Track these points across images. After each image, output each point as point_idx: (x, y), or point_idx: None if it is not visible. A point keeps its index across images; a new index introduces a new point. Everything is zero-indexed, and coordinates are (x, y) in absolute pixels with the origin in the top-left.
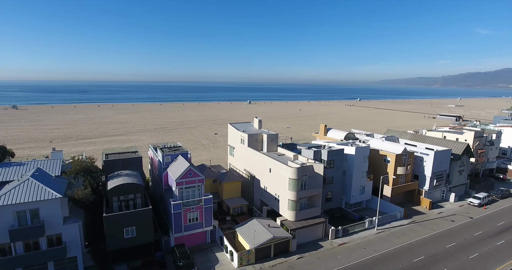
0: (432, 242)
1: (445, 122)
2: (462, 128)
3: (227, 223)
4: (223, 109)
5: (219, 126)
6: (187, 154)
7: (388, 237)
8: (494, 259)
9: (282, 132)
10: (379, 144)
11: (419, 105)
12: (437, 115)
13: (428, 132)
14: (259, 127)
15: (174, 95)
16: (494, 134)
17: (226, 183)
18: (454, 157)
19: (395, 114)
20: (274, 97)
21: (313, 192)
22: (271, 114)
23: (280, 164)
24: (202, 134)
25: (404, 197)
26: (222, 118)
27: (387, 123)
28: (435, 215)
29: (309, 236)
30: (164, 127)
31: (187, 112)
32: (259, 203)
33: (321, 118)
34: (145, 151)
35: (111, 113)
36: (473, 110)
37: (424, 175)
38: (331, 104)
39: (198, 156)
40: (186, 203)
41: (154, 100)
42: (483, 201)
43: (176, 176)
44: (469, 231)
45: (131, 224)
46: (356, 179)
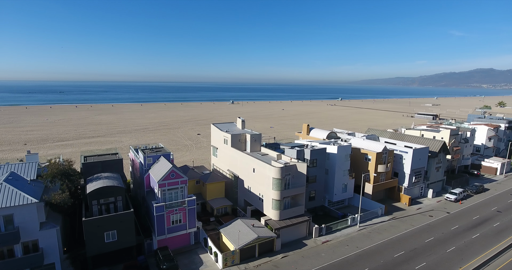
0: (411, 237)
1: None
2: (439, 127)
3: (211, 224)
4: (205, 109)
5: (202, 127)
6: (169, 155)
7: (370, 233)
8: (470, 251)
9: (265, 132)
10: (360, 143)
11: (398, 104)
12: (415, 114)
13: (407, 130)
14: (242, 127)
15: (155, 95)
16: (469, 132)
17: (209, 184)
18: (431, 154)
19: (375, 113)
20: (257, 97)
21: (296, 191)
22: (254, 114)
23: (263, 163)
24: (185, 135)
25: (385, 194)
26: (205, 118)
27: (368, 122)
28: (414, 211)
29: (293, 234)
30: (145, 128)
31: (169, 112)
32: (243, 203)
33: (304, 118)
34: (125, 153)
35: (89, 114)
36: (449, 109)
37: (404, 172)
38: (313, 103)
39: (181, 157)
40: (169, 205)
41: (135, 101)
42: (459, 196)
43: (159, 178)
44: (447, 225)
45: (112, 228)
46: (338, 177)
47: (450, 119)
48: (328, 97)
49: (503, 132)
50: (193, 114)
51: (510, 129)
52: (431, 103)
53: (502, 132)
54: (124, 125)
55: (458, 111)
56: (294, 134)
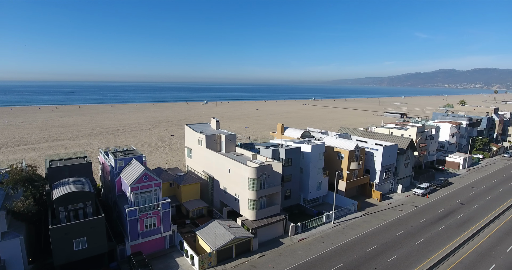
0: (383, 231)
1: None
2: (406, 125)
3: (187, 226)
4: (179, 110)
5: (175, 128)
6: (141, 157)
7: (344, 229)
8: (437, 243)
9: (240, 132)
10: (334, 141)
11: (368, 103)
12: (384, 112)
13: (377, 128)
14: (216, 128)
15: (126, 95)
16: (434, 129)
17: (184, 186)
18: (400, 151)
19: (347, 112)
20: (231, 97)
21: (272, 190)
22: (228, 114)
23: (239, 164)
24: (158, 136)
25: (357, 190)
26: (178, 119)
27: (340, 121)
28: (385, 206)
29: (270, 234)
30: (115, 130)
31: (141, 113)
32: (219, 204)
33: (278, 117)
34: (95, 156)
35: (54, 115)
36: (415, 108)
37: (375, 169)
38: (287, 103)
39: (154, 159)
40: (142, 209)
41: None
42: (426, 190)
43: (131, 181)
44: (415, 219)
45: (81, 235)
46: (313, 175)
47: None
48: (302, 97)
49: (464, 129)
50: (166, 115)
51: (470, 126)
52: (399, 102)
53: (463, 129)
54: (93, 127)
55: (423, 109)
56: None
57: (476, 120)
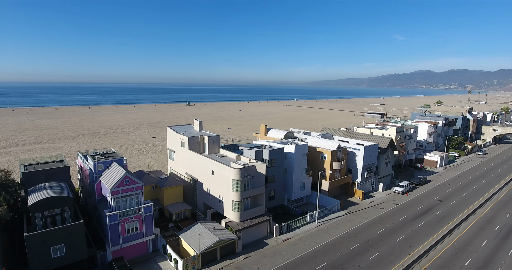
0: (365, 229)
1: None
2: (386, 124)
3: (170, 230)
4: (160, 112)
5: (157, 129)
6: (122, 160)
7: (328, 228)
8: (416, 239)
9: (223, 133)
10: (316, 142)
11: (349, 104)
12: (365, 113)
13: (358, 129)
14: (199, 129)
15: (105, 97)
16: (412, 129)
17: (167, 189)
18: (380, 150)
19: (329, 112)
20: (214, 98)
21: (256, 191)
22: (211, 116)
23: (222, 165)
24: (139, 139)
25: (340, 190)
26: (160, 121)
27: (323, 121)
28: (367, 205)
29: (254, 235)
30: (94, 132)
31: (121, 115)
32: (203, 207)
33: (261, 118)
34: (73, 160)
35: (29, 118)
36: (394, 108)
37: (357, 169)
38: (270, 104)
39: (135, 162)
40: (123, 213)
41: (82, 103)
42: (406, 188)
43: (111, 185)
44: (396, 216)
45: (59, 241)
46: (296, 176)
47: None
48: (284, 97)
49: (441, 128)
50: (147, 117)
51: (446, 126)
52: (378, 103)
53: (440, 128)
54: (70, 129)
55: (402, 109)
56: (252, 135)
57: (452, 120)
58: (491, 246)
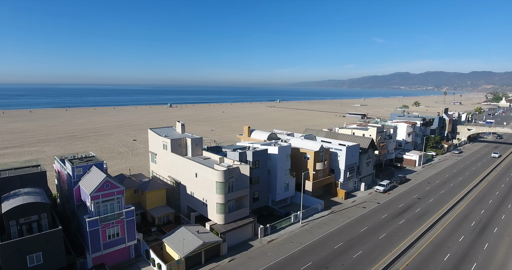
0: (348, 228)
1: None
2: (367, 125)
3: (153, 234)
4: (141, 114)
5: (138, 132)
6: (102, 164)
7: (312, 228)
8: (397, 236)
9: (206, 135)
10: (299, 143)
11: (331, 105)
12: (346, 114)
13: (340, 129)
14: (182, 131)
15: (83, 99)
16: (392, 129)
17: (149, 192)
18: (362, 151)
19: (311, 113)
20: (196, 99)
21: (240, 193)
22: (194, 117)
23: (206, 168)
24: (119, 141)
25: (323, 190)
26: (141, 123)
27: (305, 122)
28: (350, 204)
29: (239, 237)
30: (72, 136)
31: (100, 117)
32: (187, 210)
33: (244, 120)
34: (49, 164)
35: (1, 121)
36: (374, 109)
37: (339, 169)
38: (253, 105)
39: (116, 166)
40: (104, 218)
41: (58, 105)
42: (386, 187)
43: (91, 190)
44: (378, 215)
45: (36, 249)
46: (280, 177)
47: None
48: (267, 99)
49: (419, 128)
50: (127, 119)
51: (424, 126)
52: (359, 104)
53: (418, 128)
54: (46, 133)
55: (382, 110)
56: (236, 137)
57: (429, 120)
58: (467, 241)
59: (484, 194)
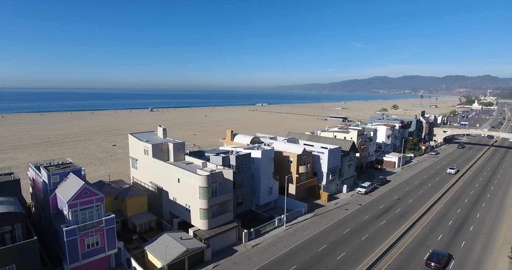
0: (332, 230)
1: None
2: (348, 128)
3: (134, 242)
4: (121, 118)
5: (118, 137)
6: (80, 171)
7: (296, 231)
8: (379, 237)
9: (188, 139)
10: (282, 146)
11: (313, 108)
12: (328, 117)
13: (322, 132)
14: (164, 136)
15: (59, 103)
16: (372, 131)
17: (129, 199)
18: (343, 153)
19: (293, 117)
20: (178, 103)
21: (224, 198)
22: (175, 122)
23: (188, 173)
24: (98, 147)
25: (307, 193)
26: (121, 127)
27: (288, 126)
28: (333, 206)
29: (223, 242)
30: (47, 141)
31: (77, 122)
32: (169, 216)
33: (227, 124)
34: (23, 172)
35: None
36: (355, 112)
37: (322, 172)
38: (235, 109)
39: (95, 172)
40: (82, 227)
41: (32, 110)
42: (368, 189)
43: (68, 198)
44: (360, 216)
45: (8, 262)
46: (264, 180)
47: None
48: (250, 102)
49: (397, 131)
50: (106, 124)
51: (402, 128)
52: (340, 107)
53: (397, 131)
54: (20, 138)
55: (362, 113)
56: (219, 141)
57: (407, 123)
58: (446, 240)
59: (460, 193)
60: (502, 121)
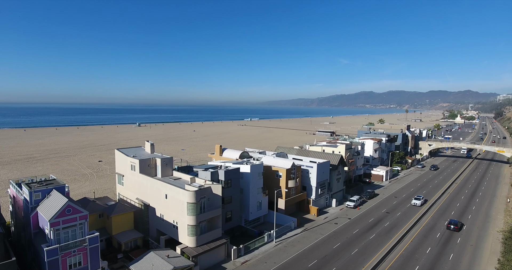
0: (322, 245)
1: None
2: (336, 142)
3: (119, 261)
4: (108, 133)
5: (104, 152)
6: (63, 187)
7: (286, 247)
8: (369, 251)
9: (177, 154)
10: (271, 161)
11: (301, 123)
12: (316, 131)
13: (311, 147)
14: (151, 151)
15: (43, 118)
16: (359, 145)
17: (115, 216)
18: (332, 167)
19: (282, 131)
20: (166, 118)
21: (212, 213)
22: (164, 137)
23: (176, 188)
24: (83, 163)
25: (296, 207)
26: (107, 143)
27: (276, 140)
28: (322, 221)
29: (211, 259)
30: (30, 157)
31: (62, 138)
32: (156, 233)
33: (216, 139)
34: (3, 189)
35: None
36: (342, 126)
37: (311, 186)
38: (224, 124)
39: (79, 189)
40: (64, 246)
41: (14, 125)
42: (357, 203)
43: (50, 216)
44: (349, 230)
45: None
46: (253, 195)
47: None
48: (238, 117)
49: (384, 145)
50: (92, 139)
51: (389, 142)
52: (328, 122)
53: (384, 145)
54: (1, 155)
55: (349, 127)
56: (207, 156)
57: (393, 136)
58: (434, 253)
59: (446, 206)
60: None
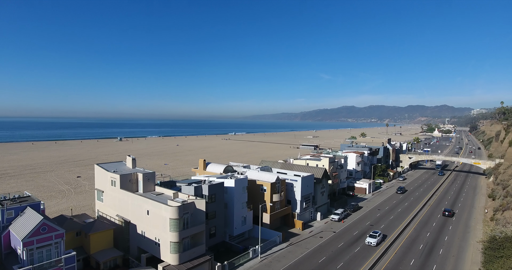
0: (307, 259)
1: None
2: (319, 156)
3: None
4: (87, 148)
5: (83, 168)
6: (39, 204)
7: (271, 262)
8: (354, 265)
9: (159, 169)
10: (256, 175)
11: (285, 137)
12: (300, 145)
13: (295, 160)
14: (133, 166)
15: (18, 132)
16: (342, 159)
17: (93, 234)
18: (316, 181)
19: (266, 145)
20: (149, 133)
21: (196, 229)
22: (146, 151)
23: (158, 204)
24: (60, 179)
25: (281, 221)
26: (87, 158)
27: (261, 154)
28: (307, 234)
29: None
30: (3, 173)
31: (39, 153)
32: (137, 251)
33: (200, 153)
34: None
35: None
36: (326, 140)
37: (295, 199)
38: (208, 138)
39: (56, 206)
40: (38, 267)
41: None
42: (341, 216)
43: (23, 235)
44: (334, 244)
45: None
46: (237, 210)
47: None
48: (222, 131)
49: (367, 158)
50: (71, 154)
51: (371, 155)
52: (311, 136)
53: (366, 158)
54: None
55: (332, 141)
56: (191, 170)
57: (375, 150)
58: (418, 264)
59: (428, 217)
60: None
